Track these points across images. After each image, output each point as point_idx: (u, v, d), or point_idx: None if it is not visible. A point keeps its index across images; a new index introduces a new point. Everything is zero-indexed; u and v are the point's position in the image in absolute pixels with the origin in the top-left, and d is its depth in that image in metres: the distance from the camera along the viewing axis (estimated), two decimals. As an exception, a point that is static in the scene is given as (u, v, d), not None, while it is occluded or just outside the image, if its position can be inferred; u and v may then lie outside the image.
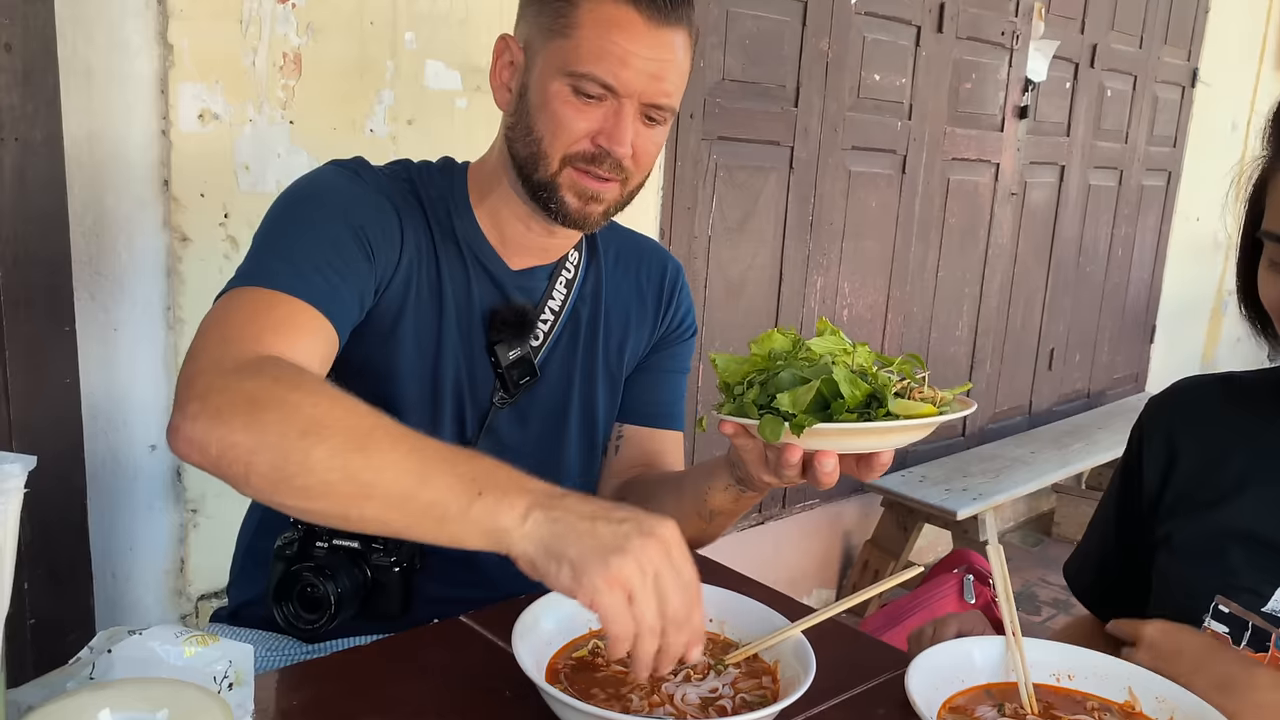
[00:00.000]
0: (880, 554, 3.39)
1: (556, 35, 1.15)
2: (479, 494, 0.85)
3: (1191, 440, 1.20)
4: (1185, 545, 1.16)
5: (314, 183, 1.19)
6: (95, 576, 1.74)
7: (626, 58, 1.12)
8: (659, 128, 1.19)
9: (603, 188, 1.18)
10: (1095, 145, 4.20)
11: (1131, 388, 4.93)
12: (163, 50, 1.71)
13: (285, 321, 1.02)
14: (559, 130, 1.15)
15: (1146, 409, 1.27)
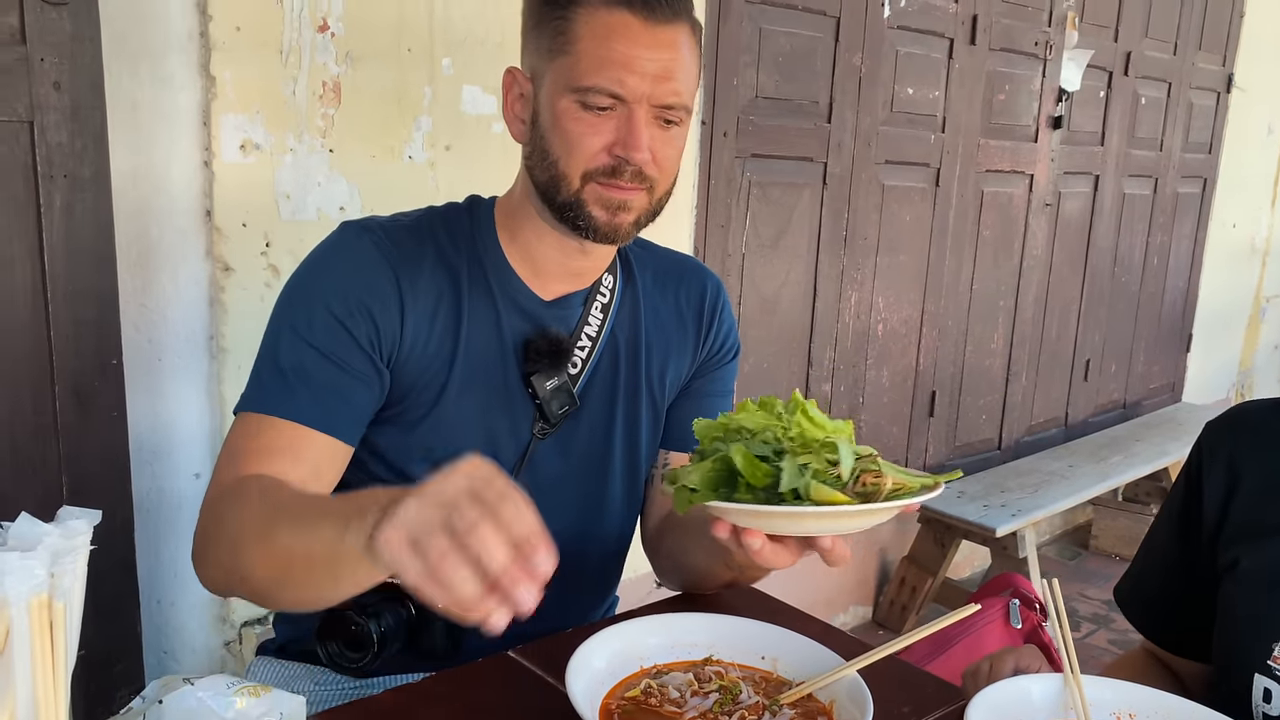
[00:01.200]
0: (918, 571, 3.36)
1: (558, 54, 1.13)
2: (346, 526, 0.84)
3: (1254, 465, 1.18)
4: (1250, 574, 1.14)
5: (306, 273, 1.21)
6: (142, 604, 1.75)
7: (629, 62, 1.10)
8: (676, 129, 1.16)
9: (629, 196, 1.16)
10: (1130, 153, 4.16)
11: (1168, 398, 4.87)
12: (205, 82, 1.73)
13: (268, 448, 1.11)
14: (574, 148, 1.14)
15: (1206, 432, 1.25)
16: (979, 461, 3.74)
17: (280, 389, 1.13)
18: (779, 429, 0.97)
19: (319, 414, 1.12)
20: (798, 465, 0.94)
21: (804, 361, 3.03)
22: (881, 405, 3.34)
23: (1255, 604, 1.13)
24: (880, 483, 0.95)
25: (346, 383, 1.14)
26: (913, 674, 1.27)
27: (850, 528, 0.96)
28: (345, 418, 1.15)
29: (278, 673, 1.34)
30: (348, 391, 1.15)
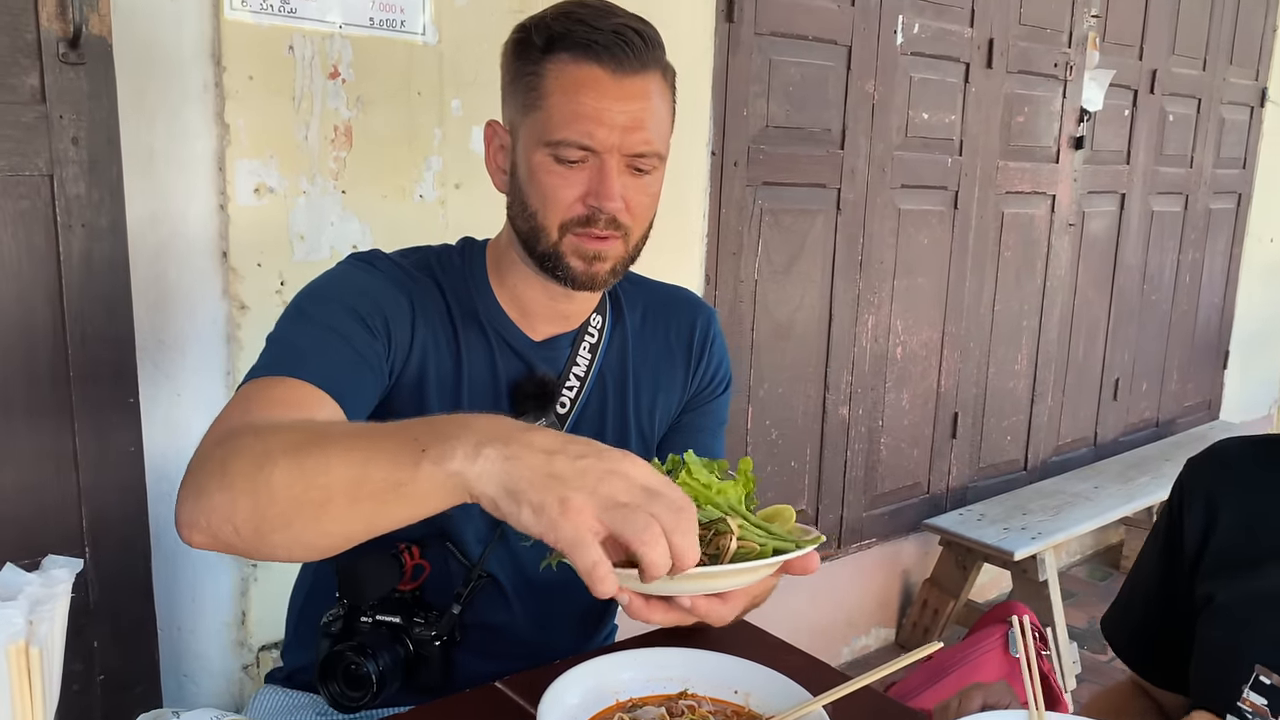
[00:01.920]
0: (940, 593, 3.35)
1: (531, 109, 1.17)
2: (423, 451, 0.81)
3: (1233, 502, 1.19)
4: (1225, 609, 1.15)
5: (324, 281, 1.24)
6: (161, 630, 1.82)
7: (599, 115, 1.14)
8: (648, 176, 1.20)
9: (603, 246, 1.19)
10: (1158, 171, 4.12)
11: (1204, 415, 4.81)
12: (220, 130, 1.81)
13: (277, 400, 1.04)
14: (549, 200, 1.17)
15: (1186, 469, 1.26)
16: (1005, 483, 3.73)
17: (294, 358, 1.10)
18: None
19: (329, 379, 1.08)
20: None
21: (820, 385, 3.05)
22: (902, 428, 3.34)
23: (1226, 641, 1.14)
24: (727, 545, 0.93)
25: (359, 365, 1.14)
26: (886, 705, 1.29)
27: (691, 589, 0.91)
28: (355, 394, 1.12)
29: (282, 701, 1.39)
30: (358, 372, 1.14)
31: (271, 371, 1.08)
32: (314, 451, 0.86)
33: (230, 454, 0.91)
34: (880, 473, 3.30)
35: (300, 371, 1.07)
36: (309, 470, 0.85)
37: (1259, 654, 1.09)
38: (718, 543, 0.94)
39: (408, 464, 0.81)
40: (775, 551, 0.96)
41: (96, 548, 1.63)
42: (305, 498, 0.85)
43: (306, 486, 0.85)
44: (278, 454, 0.87)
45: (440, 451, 0.80)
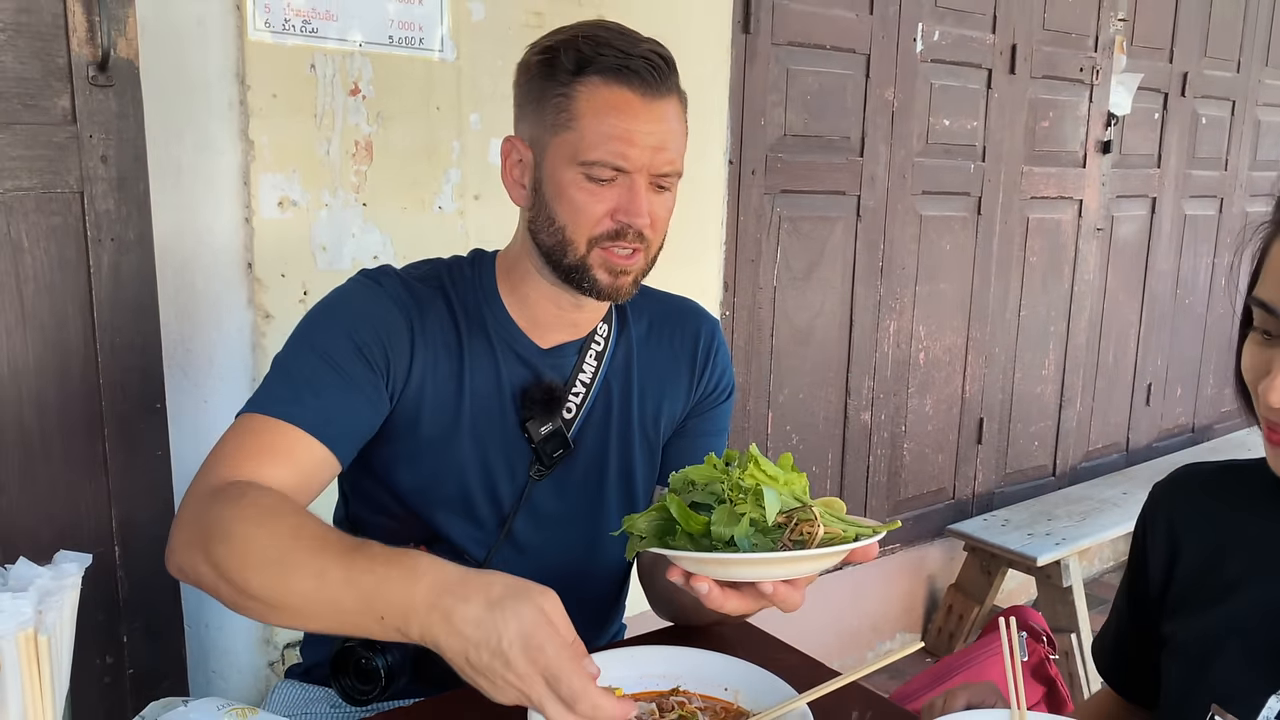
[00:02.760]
0: (965, 599, 3.35)
1: (561, 129, 1.21)
2: (381, 618, 0.95)
3: (1193, 534, 1.15)
4: (1184, 648, 1.12)
5: (329, 303, 1.29)
6: (189, 627, 1.89)
7: (630, 137, 1.19)
8: (668, 193, 1.26)
9: (629, 261, 1.25)
10: (1190, 175, 4.09)
11: (1242, 421, 4.73)
12: (244, 145, 1.88)
13: (267, 447, 1.14)
14: (580, 217, 1.23)
15: (1150, 498, 1.23)
16: (1033, 489, 3.72)
17: (288, 395, 1.17)
18: (722, 480, 1.04)
19: (321, 423, 1.16)
20: (731, 513, 1.01)
21: (841, 391, 3.07)
22: (925, 433, 3.35)
23: (1184, 679, 1.12)
24: (814, 532, 1.01)
25: (352, 399, 1.20)
26: (879, 705, 1.31)
27: (778, 574, 1.01)
28: (345, 433, 1.20)
29: (299, 695, 1.44)
30: (352, 408, 1.20)
31: (268, 409, 1.17)
32: (285, 574, 1.00)
33: (216, 533, 1.04)
34: (904, 478, 3.31)
35: (294, 414, 1.16)
36: (284, 591, 1.00)
37: (1214, 693, 1.07)
38: (802, 529, 1.00)
39: (371, 622, 0.96)
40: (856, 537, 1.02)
41: (126, 548, 1.71)
42: (282, 606, 1.01)
43: (282, 598, 1.00)
44: (256, 563, 1.01)
45: (397, 624, 0.95)
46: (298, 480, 1.15)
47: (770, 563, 0.99)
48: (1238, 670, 1.06)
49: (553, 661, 0.90)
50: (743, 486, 1.02)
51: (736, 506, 1.01)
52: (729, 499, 1.02)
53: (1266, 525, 1.08)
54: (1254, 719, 1.03)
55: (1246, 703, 1.04)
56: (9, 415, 1.59)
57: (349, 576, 0.97)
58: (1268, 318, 0.94)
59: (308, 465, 1.16)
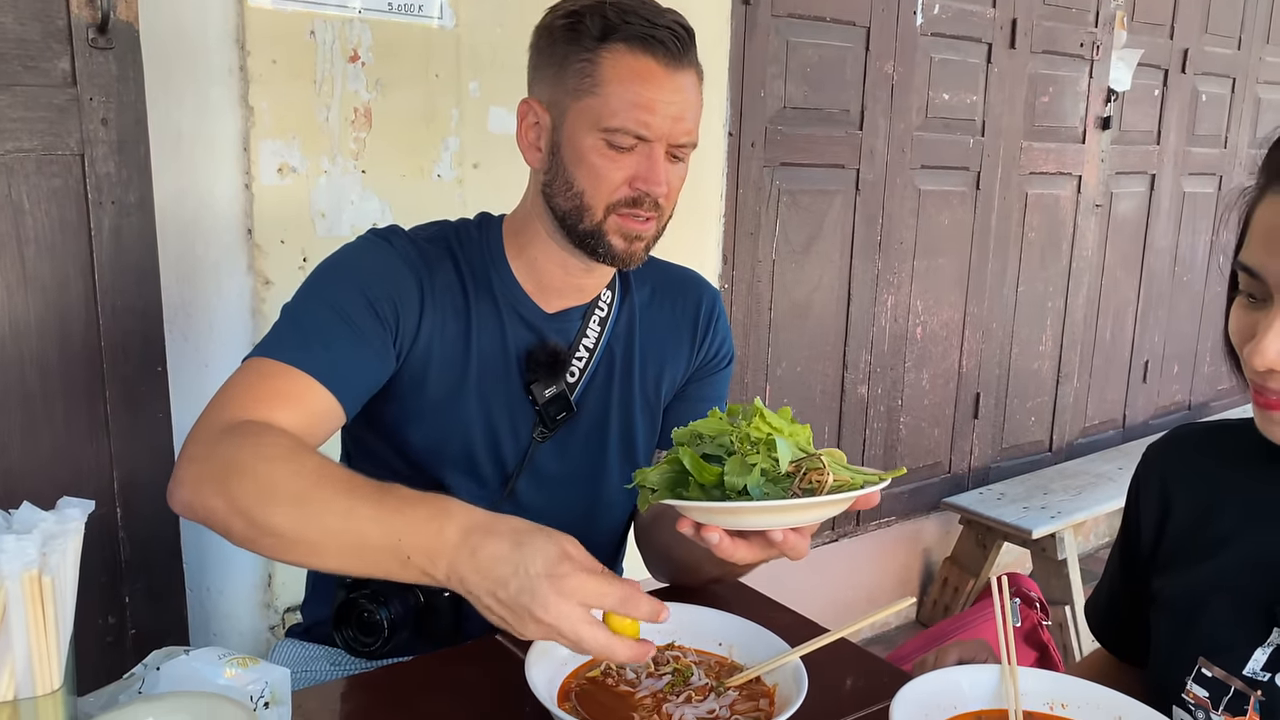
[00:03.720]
0: (960, 572, 3.38)
1: (584, 94, 1.22)
2: (407, 558, 0.97)
3: (1185, 492, 1.17)
4: (1172, 602, 1.14)
5: (342, 257, 1.30)
6: (190, 591, 1.91)
7: (652, 105, 1.20)
8: (682, 164, 1.28)
9: (644, 228, 1.27)
10: (1189, 152, 4.09)
11: (1240, 399, 4.75)
12: (244, 111, 1.88)
13: (279, 391, 1.13)
14: (600, 182, 1.24)
15: (1144, 457, 1.25)
16: (1029, 463, 3.74)
17: (298, 342, 1.17)
18: (731, 432, 1.05)
19: (330, 372, 1.16)
20: (742, 463, 1.02)
21: (839, 364, 3.08)
22: (922, 407, 3.37)
23: (1172, 633, 1.13)
24: (823, 480, 1.01)
25: (361, 352, 1.20)
26: (872, 663, 1.33)
27: (789, 521, 1.02)
28: (353, 385, 1.20)
29: (300, 653, 1.46)
30: (360, 361, 1.20)
31: (277, 353, 1.17)
32: (315, 509, 1.00)
33: (233, 464, 1.03)
34: (900, 451, 3.33)
35: (303, 360, 1.15)
36: (308, 522, 1.00)
37: (1202, 646, 1.09)
38: (811, 477, 1.01)
39: (395, 563, 0.97)
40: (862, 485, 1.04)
41: (128, 509, 1.72)
42: (301, 545, 1.01)
43: (304, 532, 1.01)
44: (280, 497, 1.01)
45: (422, 565, 0.97)
46: (306, 426, 1.15)
47: (783, 510, 1.00)
48: (1225, 624, 1.08)
49: (578, 588, 0.93)
50: (752, 438, 1.04)
51: (747, 457, 1.02)
52: (739, 450, 1.04)
53: (1256, 482, 1.09)
54: (1240, 670, 1.05)
55: (1233, 654, 1.06)
56: (11, 377, 1.60)
57: (378, 515, 0.98)
58: (1252, 281, 0.95)
59: (316, 412, 1.16)
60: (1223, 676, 1.07)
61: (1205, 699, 1.08)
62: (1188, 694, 1.09)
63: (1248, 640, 1.06)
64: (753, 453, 1.03)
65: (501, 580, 0.93)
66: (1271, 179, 0.94)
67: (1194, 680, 1.09)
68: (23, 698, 0.79)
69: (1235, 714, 1.06)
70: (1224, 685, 1.06)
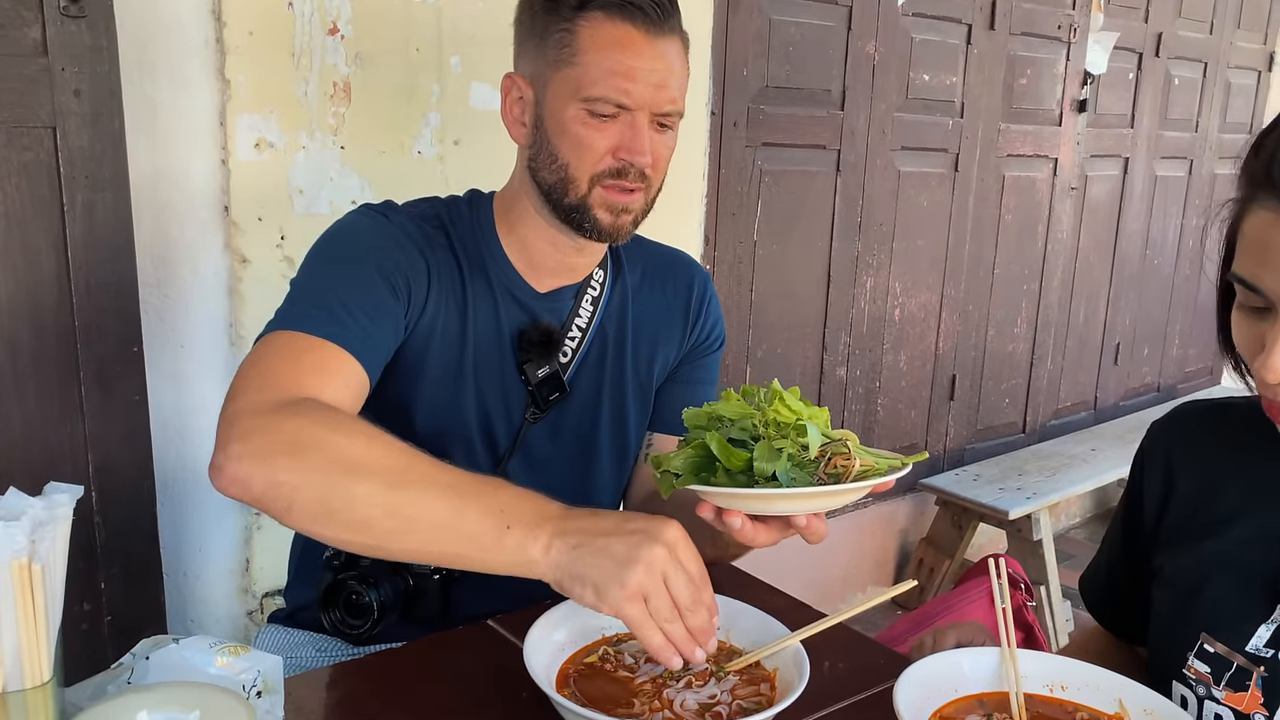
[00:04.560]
0: (935, 553, 3.40)
1: (563, 65, 1.21)
2: (508, 527, 0.95)
3: (1189, 469, 1.18)
4: (1175, 579, 1.15)
5: (347, 228, 1.27)
6: (167, 576, 1.87)
7: (633, 73, 1.19)
8: (670, 132, 1.26)
9: (630, 199, 1.25)
10: (1162, 135, 4.12)
11: (1206, 380, 4.83)
12: (221, 85, 1.83)
13: (320, 365, 1.10)
14: (583, 152, 1.22)
15: (1148, 434, 1.25)
16: (1002, 445, 3.76)
17: (324, 315, 1.14)
18: (755, 416, 1.04)
19: (361, 345, 1.14)
20: (770, 449, 1.01)
21: (819, 346, 3.08)
22: (900, 389, 3.37)
23: (1175, 609, 1.14)
24: (849, 465, 1.01)
25: (380, 323, 1.18)
26: (868, 646, 1.33)
27: (818, 506, 1.03)
28: (376, 355, 1.18)
29: (284, 639, 1.43)
30: (381, 331, 1.19)
31: (308, 326, 1.12)
32: (408, 486, 0.97)
33: (304, 437, 0.99)
34: (877, 433, 3.33)
35: (338, 334, 1.12)
36: (397, 503, 0.97)
37: (1204, 622, 1.09)
38: (836, 462, 1.01)
39: (492, 534, 0.96)
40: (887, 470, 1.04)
41: (102, 494, 1.68)
42: (382, 523, 0.97)
43: (389, 514, 0.97)
44: (367, 472, 0.97)
45: (521, 535, 0.95)
46: (348, 401, 1.12)
47: (811, 496, 1.00)
48: (1228, 600, 1.08)
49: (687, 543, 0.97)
50: (779, 423, 1.03)
51: (774, 442, 1.01)
52: (765, 435, 1.02)
53: (1260, 459, 1.10)
54: (1243, 646, 1.06)
55: (1236, 631, 1.07)
56: (-19, 357, 1.56)
57: (480, 491, 0.98)
58: (1250, 293, 0.94)
59: (353, 385, 1.14)
60: (1225, 652, 1.07)
61: (1207, 674, 1.09)
62: (1189, 669, 1.10)
63: (1251, 616, 1.07)
64: (779, 438, 1.02)
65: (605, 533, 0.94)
66: (1255, 190, 0.93)
67: (1196, 656, 1.10)
68: (11, 690, 0.77)
69: (1237, 690, 1.07)
70: (1226, 661, 1.07)
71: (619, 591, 0.93)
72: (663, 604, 0.94)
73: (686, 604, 0.96)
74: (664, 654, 0.97)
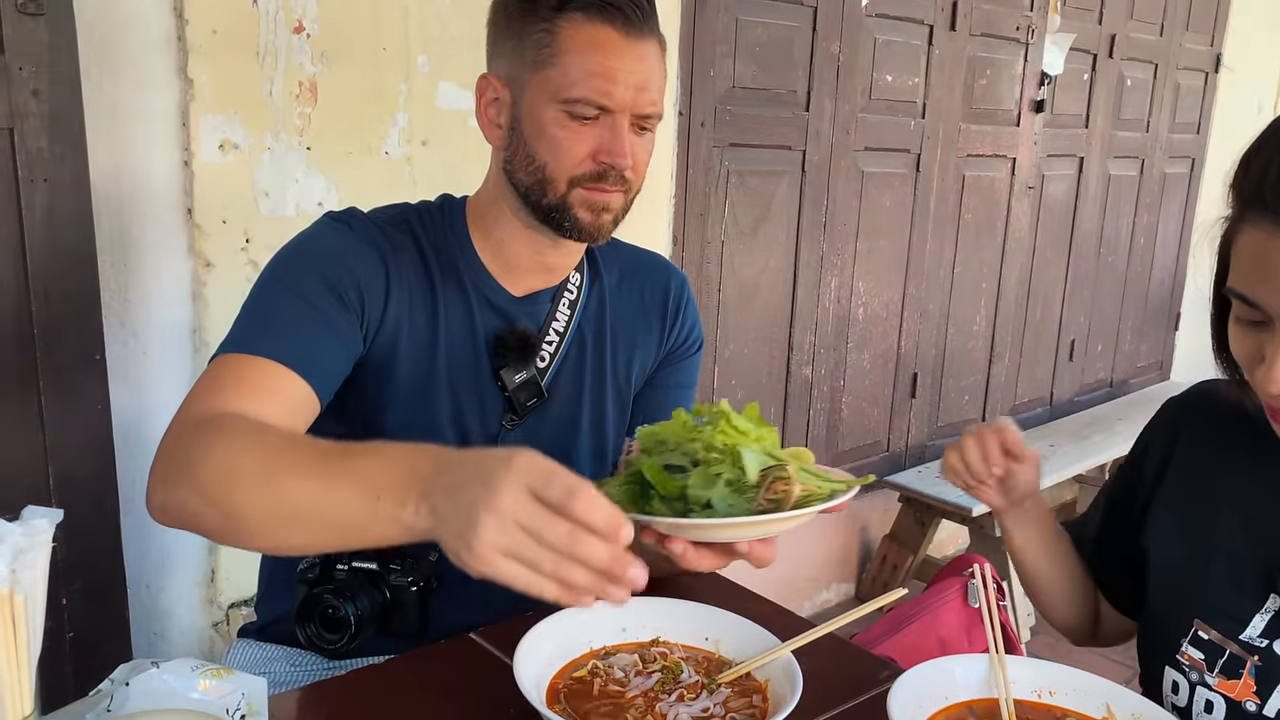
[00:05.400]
0: (899, 549, 3.42)
1: (542, 66, 1.19)
2: (378, 498, 0.87)
3: (1190, 447, 1.19)
4: (1170, 561, 1.17)
5: (302, 242, 1.24)
6: (130, 589, 1.82)
7: (613, 75, 1.17)
8: (649, 134, 1.24)
9: (610, 198, 1.23)
10: (1115, 135, 4.18)
11: (1156, 376, 4.92)
12: (183, 84, 1.78)
13: (259, 385, 1.08)
14: (561, 155, 1.20)
15: (1163, 408, 1.26)
16: (962, 442, 3.80)
17: (264, 332, 1.13)
18: (699, 438, 1.01)
19: (301, 359, 1.12)
20: (707, 475, 0.98)
21: (785, 346, 3.08)
22: (863, 388, 3.39)
23: (1169, 596, 1.15)
24: (789, 490, 0.99)
25: (328, 339, 1.16)
26: (852, 652, 1.33)
27: (754, 535, 1.01)
28: (325, 370, 1.16)
29: (256, 654, 1.40)
30: (329, 346, 1.17)
31: (245, 347, 1.11)
32: (279, 480, 0.92)
33: (199, 457, 0.97)
34: (841, 431, 3.35)
35: (273, 350, 1.11)
36: (275, 497, 0.92)
37: (1198, 609, 1.11)
38: (777, 487, 0.98)
39: (368, 509, 0.87)
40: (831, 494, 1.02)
41: (64, 506, 1.61)
42: (271, 518, 0.94)
43: (271, 509, 0.93)
44: (242, 474, 0.94)
45: (391, 503, 0.86)
46: (286, 417, 1.09)
47: (748, 525, 0.98)
48: (1223, 587, 1.10)
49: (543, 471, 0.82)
50: (717, 446, 1.00)
51: (712, 467, 0.99)
52: (704, 459, 1.00)
53: (1264, 446, 1.09)
54: (1237, 635, 1.08)
55: (1230, 619, 1.08)
56: (-65, 367, 1.50)
57: (346, 464, 0.91)
58: (1246, 307, 0.96)
59: (293, 401, 1.11)
60: (1219, 640, 1.09)
61: (1200, 661, 1.10)
62: (1182, 655, 1.12)
63: (1246, 605, 1.08)
64: (719, 462, 0.99)
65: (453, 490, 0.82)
66: (1245, 208, 0.94)
67: (1189, 642, 1.12)
68: (-7, 726, 0.73)
69: (1230, 677, 1.08)
70: (1220, 648, 1.09)
71: (471, 558, 0.80)
72: (534, 553, 0.79)
73: (564, 547, 0.79)
74: (569, 600, 0.82)
